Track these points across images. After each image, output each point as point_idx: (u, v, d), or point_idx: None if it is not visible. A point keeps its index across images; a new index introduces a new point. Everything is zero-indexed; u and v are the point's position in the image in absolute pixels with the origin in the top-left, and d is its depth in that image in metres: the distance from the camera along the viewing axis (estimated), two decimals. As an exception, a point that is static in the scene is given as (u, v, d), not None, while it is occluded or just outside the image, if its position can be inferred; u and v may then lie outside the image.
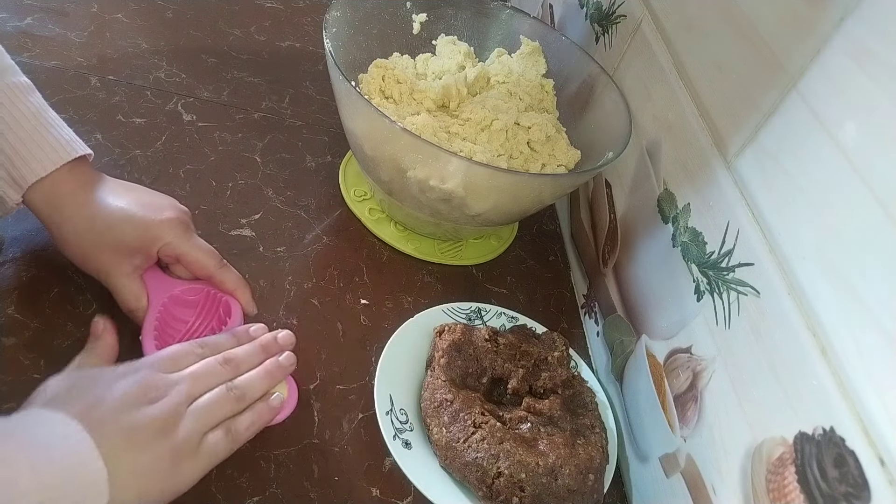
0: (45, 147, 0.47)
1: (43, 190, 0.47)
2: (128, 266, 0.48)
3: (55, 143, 0.47)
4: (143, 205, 0.49)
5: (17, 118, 0.46)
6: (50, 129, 0.48)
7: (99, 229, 0.47)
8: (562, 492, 0.47)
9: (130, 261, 0.48)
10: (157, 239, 0.48)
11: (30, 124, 0.47)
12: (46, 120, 0.48)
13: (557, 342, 0.58)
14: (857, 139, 0.37)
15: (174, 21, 0.82)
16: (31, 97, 0.48)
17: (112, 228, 0.47)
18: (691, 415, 0.48)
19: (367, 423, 0.51)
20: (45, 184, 0.47)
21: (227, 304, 0.51)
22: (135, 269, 0.48)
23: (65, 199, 0.47)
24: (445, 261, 0.67)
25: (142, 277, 0.49)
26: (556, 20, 0.90)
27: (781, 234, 0.42)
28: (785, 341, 0.40)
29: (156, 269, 0.51)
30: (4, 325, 0.48)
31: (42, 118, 0.48)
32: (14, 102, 0.46)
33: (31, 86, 0.49)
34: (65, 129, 0.49)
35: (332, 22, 0.63)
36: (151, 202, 0.50)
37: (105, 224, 0.47)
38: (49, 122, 0.48)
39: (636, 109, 0.63)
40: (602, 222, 0.68)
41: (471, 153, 0.60)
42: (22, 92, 0.47)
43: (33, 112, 0.47)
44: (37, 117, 0.47)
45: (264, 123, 0.73)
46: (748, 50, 0.48)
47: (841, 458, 0.34)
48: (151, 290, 0.49)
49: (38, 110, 0.48)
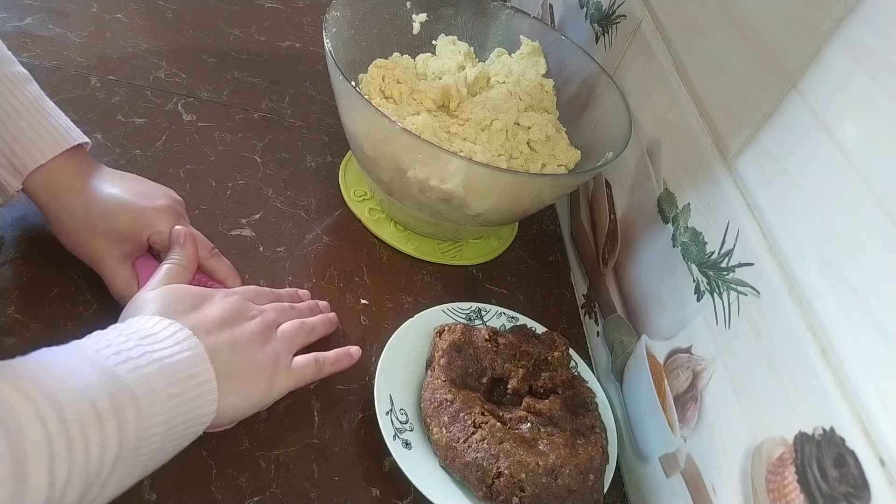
0: (45, 135, 0.47)
1: (41, 177, 0.48)
2: (119, 253, 0.48)
3: (54, 131, 0.48)
4: (137, 193, 0.50)
5: (16, 107, 0.47)
6: (48, 118, 0.48)
7: (93, 216, 0.48)
8: (562, 492, 0.47)
9: (121, 248, 0.48)
10: (148, 226, 0.49)
11: (29, 113, 0.47)
12: (45, 108, 0.49)
13: (557, 342, 0.58)
14: (857, 139, 0.37)
15: (174, 21, 0.82)
16: (29, 86, 0.49)
17: (105, 215, 0.48)
18: (691, 415, 0.48)
19: (367, 423, 0.51)
20: (43, 171, 0.47)
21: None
22: (126, 256, 0.49)
23: (62, 185, 0.48)
24: (445, 261, 0.67)
25: (133, 265, 0.50)
26: (556, 20, 0.90)
27: (781, 234, 0.42)
28: (785, 341, 0.40)
29: (149, 258, 0.51)
30: (4, 325, 0.48)
31: (40, 107, 0.48)
32: (13, 91, 0.47)
33: (28, 75, 0.49)
34: (62, 117, 0.50)
35: (332, 22, 0.63)
36: (145, 191, 0.51)
37: (99, 211, 0.48)
38: (47, 110, 0.49)
39: (636, 109, 0.63)
40: (602, 222, 0.68)
41: (471, 153, 0.60)
42: (20, 81, 0.48)
43: (31, 101, 0.48)
44: (35, 106, 0.48)
45: (264, 123, 0.73)
46: (748, 50, 0.48)
47: (841, 458, 0.34)
48: (143, 277, 0.49)
49: (36, 99, 0.48)
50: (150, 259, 0.51)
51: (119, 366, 0.36)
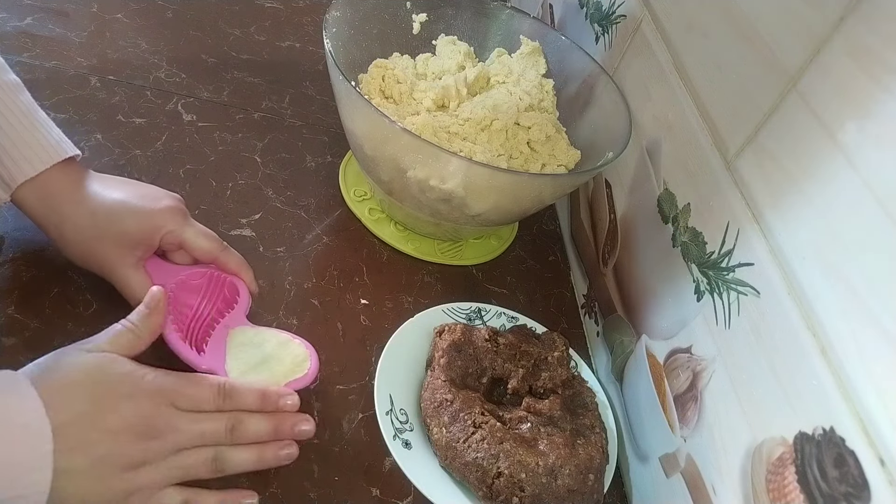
0: (36, 147, 0.47)
1: (34, 189, 0.47)
2: (131, 258, 0.48)
3: (45, 142, 0.47)
4: (140, 196, 0.50)
5: (7, 118, 0.46)
6: (40, 129, 0.48)
7: (101, 224, 0.47)
8: (562, 492, 0.47)
9: (133, 252, 0.48)
10: (159, 228, 0.49)
11: (20, 124, 0.47)
12: (36, 119, 0.48)
13: (557, 342, 0.58)
14: (857, 139, 0.37)
15: (174, 21, 0.82)
16: (21, 96, 0.48)
17: (114, 222, 0.48)
18: (691, 415, 0.48)
19: (367, 423, 0.51)
20: (35, 183, 0.47)
21: (233, 284, 0.52)
22: (138, 261, 0.49)
23: (60, 197, 0.47)
24: (445, 261, 0.67)
25: (145, 268, 0.50)
26: (556, 20, 0.90)
27: (781, 234, 0.42)
28: (785, 341, 0.40)
29: (156, 259, 0.51)
30: (4, 325, 0.48)
31: (32, 118, 0.48)
32: (5, 102, 0.46)
33: (19, 84, 0.49)
34: (54, 129, 0.49)
35: (332, 22, 0.63)
36: (147, 193, 0.51)
37: (106, 218, 0.48)
38: (39, 122, 0.48)
39: (636, 109, 0.63)
40: (602, 222, 0.68)
41: (471, 153, 0.60)
42: (12, 91, 0.47)
43: (23, 111, 0.47)
44: (27, 117, 0.47)
45: (264, 123, 0.73)
46: (748, 50, 0.48)
47: (841, 458, 0.34)
48: (156, 279, 0.49)
49: (28, 110, 0.48)
50: (158, 259, 0.51)
51: None
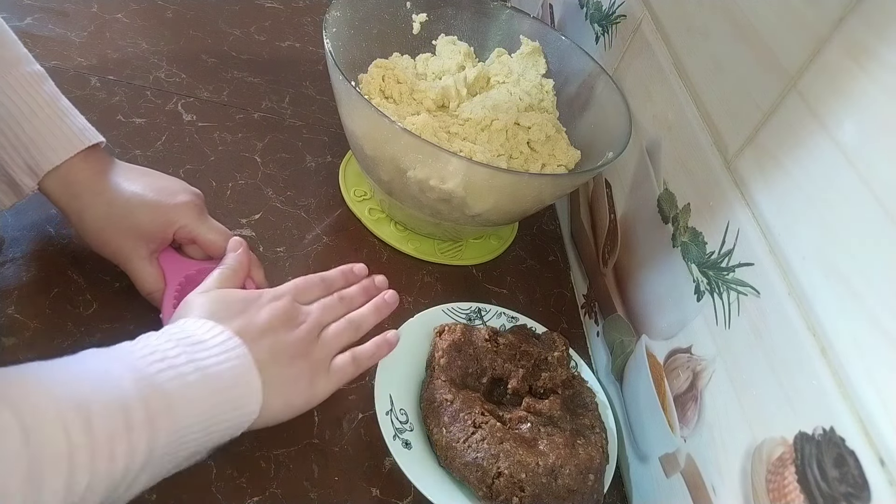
0: (60, 136, 0.48)
1: (58, 177, 0.48)
2: (145, 250, 0.49)
3: (69, 131, 0.48)
4: (158, 189, 0.50)
5: (32, 108, 0.47)
6: (64, 118, 0.48)
7: (117, 215, 0.48)
8: (562, 492, 0.47)
9: (147, 244, 0.49)
10: (172, 222, 0.50)
11: (44, 113, 0.47)
12: (61, 108, 0.49)
13: (557, 342, 0.58)
14: (857, 139, 0.37)
15: (174, 21, 0.82)
16: (46, 86, 0.49)
17: (129, 214, 0.48)
18: (691, 415, 0.48)
19: (367, 423, 0.51)
20: (59, 171, 0.47)
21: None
22: (152, 253, 0.50)
23: (82, 185, 0.48)
24: (445, 261, 0.67)
25: (158, 260, 0.50)
26: (556, 20, 0.90)
27: (781, 234, 0.42)
28: (785, 341, 0.40)
29: (170, 251, 0.52)
30: (4, 325, 0.48)
31: (56, 107, 0.48)
32: (30, 92, 0.47)
33: (44, 74, 0.49)
34: (78, 117, 0.50)
35: (332, 22, 0.63)
36: (165, 186, 0.51)
37: (122, 210, 0.48)
38: (63, 110, 0.49)
39: (636, 109, 0.63)
40: (602, 222, 0.68)
41: (471, 153, 0.60)
42: (37, 81, 0.48)
43: (48, 101, 0.48)
44: (51, 106, 0.48)
45: (264, 123, 0.73)
46: (748, 50, 0.48)
47: (841, 458, 0.34)
48: (168, 271, 0.50)
49: (52, 99, 0.48)
50: (172, 252, 0.52)
51: (160, 373, 0.36)
